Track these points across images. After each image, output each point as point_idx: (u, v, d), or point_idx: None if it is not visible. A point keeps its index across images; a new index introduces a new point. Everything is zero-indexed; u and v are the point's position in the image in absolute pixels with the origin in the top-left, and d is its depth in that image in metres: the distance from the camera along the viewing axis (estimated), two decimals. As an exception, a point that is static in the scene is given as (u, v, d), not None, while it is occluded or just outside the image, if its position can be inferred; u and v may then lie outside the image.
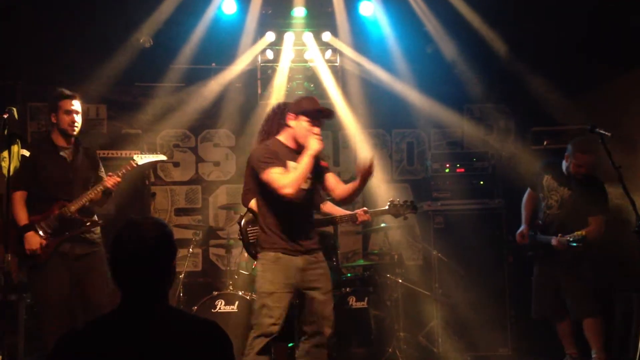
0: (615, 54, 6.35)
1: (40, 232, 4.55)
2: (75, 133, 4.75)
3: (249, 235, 4.86)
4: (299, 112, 4.15)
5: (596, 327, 5.16)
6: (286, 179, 4.01)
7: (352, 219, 4.78)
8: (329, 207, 4.80)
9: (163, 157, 5.15)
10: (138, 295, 2.16)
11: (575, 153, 5.17)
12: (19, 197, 4.57)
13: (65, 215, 4.58)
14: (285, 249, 4.12)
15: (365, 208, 4.88)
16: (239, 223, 4.97)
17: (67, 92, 4.76)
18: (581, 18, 6.21)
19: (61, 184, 4.66)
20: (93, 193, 4.65)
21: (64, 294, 4.55)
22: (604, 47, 6.35)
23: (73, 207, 4.59)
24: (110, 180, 4.65)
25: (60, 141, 4.74)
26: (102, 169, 4.99)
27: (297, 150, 4.18)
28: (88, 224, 4.70)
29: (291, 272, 4.11)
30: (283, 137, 4.27)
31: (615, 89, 6.54)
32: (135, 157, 4.82)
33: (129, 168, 4.77)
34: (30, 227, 4.53)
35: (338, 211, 4.78)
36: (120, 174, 4.70)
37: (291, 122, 4.19)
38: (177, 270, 5.37)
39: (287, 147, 4.23)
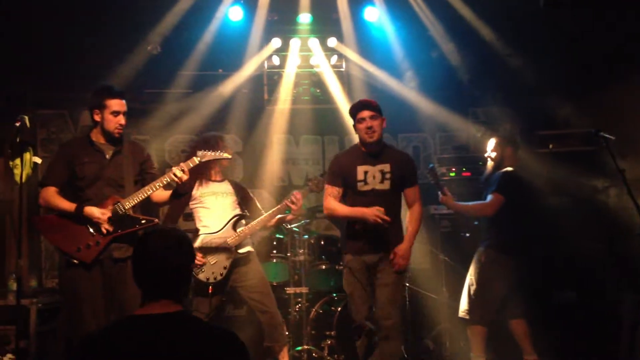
0: (620, 57, 6.37)
1: (91, 230, 4.18)
2: (119, 136, 4.38)
3: None
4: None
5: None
6: None
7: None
8: None
9: (227, 155, 4.63)
10: (156, 298, 2.23)
11: None
12: (51, 191, 4.25)
13: (118, 212, 4.20)
14: None
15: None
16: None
17: (116, 89, 4.41)
18: (586, 22, 6.23)
19: (98, 182, 4.28)
20: (150, 190, 4.27)
21: (96, 297, 4.15)
22: (609, 50, 6.37)
23: (127, 204, 4.22)
24: (174, 173, 4.21)
25: (100, 139, 4.38)
26: (152, 164, 4.63)
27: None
28: (143, 221, 4.26)
29: None
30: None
31: (620, 93, 6.56)
32: (199, 153, 4.41)
33: (191, 165, 4.33)
34: (82, 205, 4.18)
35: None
36: (186, 169, 4.30)
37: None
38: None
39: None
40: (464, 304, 5.25)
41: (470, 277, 5.24)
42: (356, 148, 4.77)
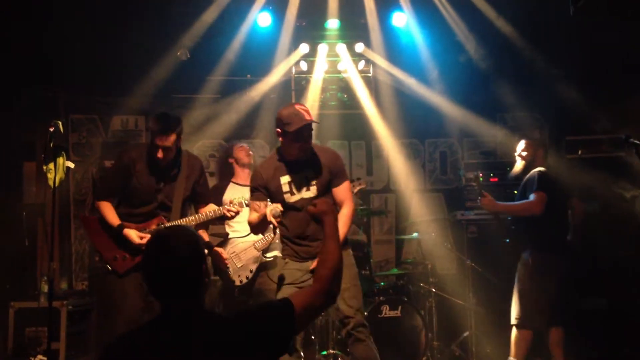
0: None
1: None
2: (164, 166, 4.42)
3: None
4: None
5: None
6: None
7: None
8: None
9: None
10: (175, 303, 2.19)
11: None
12: (108, 206, 4.40)
13: None
14: None
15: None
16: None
17: (162, 126, 4.34)
18: (614, 27, 6.17)
19: (148, 204, 4.39)
20: (194, 221, 4.38)
21: (130, 305, 4.22)
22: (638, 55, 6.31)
23: None
24: (230, 210, 4.38)
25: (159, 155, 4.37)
26: (205, 180, 4.67)
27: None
28: None
29: None
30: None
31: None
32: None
33: (239, 209, 4.46)
34: (122, 226, 4.32)
35: None
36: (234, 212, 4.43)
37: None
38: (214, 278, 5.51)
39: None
40: (515, 311, 5.17)
41: (519, 282, 5.17)
42: (275, 157, 4.29)
